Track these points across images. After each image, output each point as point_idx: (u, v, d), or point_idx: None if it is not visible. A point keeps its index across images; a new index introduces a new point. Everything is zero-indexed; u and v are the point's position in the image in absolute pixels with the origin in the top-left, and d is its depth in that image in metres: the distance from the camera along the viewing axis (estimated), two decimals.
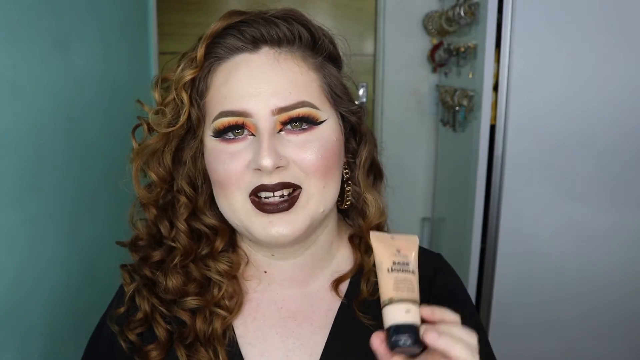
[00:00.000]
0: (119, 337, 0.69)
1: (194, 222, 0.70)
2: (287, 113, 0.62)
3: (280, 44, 0.64)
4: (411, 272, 0.54)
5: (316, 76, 0.66)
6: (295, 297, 0.71)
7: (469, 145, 1.89)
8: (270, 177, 0.61)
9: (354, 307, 0.69)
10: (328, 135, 0.64)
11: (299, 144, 0.63)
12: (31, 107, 0.93)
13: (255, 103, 0.61)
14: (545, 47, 1.67)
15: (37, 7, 0.96)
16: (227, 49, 0.64)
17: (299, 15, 0.67)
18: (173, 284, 0.68)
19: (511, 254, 1.79)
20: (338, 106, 0.68)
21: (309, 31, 0.66)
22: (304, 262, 0.70)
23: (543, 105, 1.70)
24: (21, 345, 0.89)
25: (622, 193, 1.74)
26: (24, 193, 0.91)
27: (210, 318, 0.67)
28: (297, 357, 0.67)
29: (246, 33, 0.63)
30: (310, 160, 0.62)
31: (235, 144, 0.63)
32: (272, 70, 0.63)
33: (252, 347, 0.68)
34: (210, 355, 0.65)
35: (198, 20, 2.18)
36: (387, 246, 0.55)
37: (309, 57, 0.66)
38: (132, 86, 1.58)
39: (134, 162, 0.68)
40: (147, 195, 0.69)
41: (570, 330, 1.83)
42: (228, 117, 0.62)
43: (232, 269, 0.70)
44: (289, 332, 0.69)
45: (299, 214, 0.63)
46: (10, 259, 0.87)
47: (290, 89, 0.62)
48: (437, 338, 0.49)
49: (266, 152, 0.60)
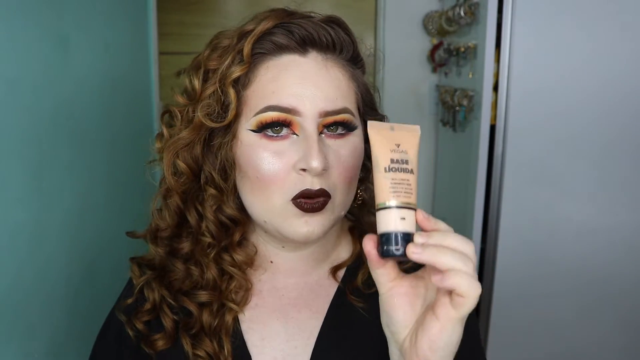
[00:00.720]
0: (126, 326, 0.71)
1: (218, 213, 0.70)
2: (332, 117, 0.63)
3: (327, 50, 0.66)
4: (410, 171, 0.51)
5: (353, 85, 0.68)
6: (297, 285, 0.73)
7: (469, 145, 1.89)
8: (313, 181, 0.62)
9: (347, 291, 0.72)
10: (358, 143, 0.67)
11: (336, 149, 0.64)
12: (31, 107, 0.93)
13: (304, 103, 0.62)
14: (545, 47, 1.67)
15: (38, 7, 0.96)
16: (276, 47, 0.64)
17: (343, 24, 0.68)
18: (212, 275, 0.70)
19: (511, 254, 1.79)
20: (365, 114, 0.70)
21: (353, 42, 0.68)
22: (310, 253, 0.73)
23: (543, 105, 1.70)
24: (21, 345, 0.89)
25: (622, 193, 1.74)
26: (25, 193, 0.91)
27: (218, 311, 0.69)
28: (296, 341, 0.70)
29: (296, 34, 0.64)
30: (344, 168, 0.64)
31: (278, 142, 0.63)
32: (321, 75, 0.64)
33: (254, 332, 0.71)
34: (215, 345, 0.68)
35: (198, 20, 2.18)
36: (385, 139, 0.52)
37: (349, 66, 0.68)
38: (132, 86, 1.58)
39: (166, 153, 0.67)
40: (176, 184, 0.68)
41: (570, 330, 1.83)
42: (276, 112, 0.62)
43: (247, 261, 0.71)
44: (289, 317, 0.72)
45: (327, 215, 0.64)
46: (11, 259, 0.87)
47: (336, 95, 0.64)
48: (421, 253, 0.47)
49: (317, 153, 0.60)
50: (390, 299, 0.53)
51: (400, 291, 0.52)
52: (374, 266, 0.52)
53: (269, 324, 0.71)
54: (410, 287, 0.53)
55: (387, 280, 0.52)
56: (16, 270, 0.88)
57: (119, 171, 1.34)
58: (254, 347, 0.70)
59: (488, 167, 1.80)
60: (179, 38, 2.16)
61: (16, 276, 0.88)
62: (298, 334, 0.71)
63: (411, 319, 0.52)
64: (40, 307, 0.96)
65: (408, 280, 0.53)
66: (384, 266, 0.52)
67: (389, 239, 0.48)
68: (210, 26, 2.18)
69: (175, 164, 0.68)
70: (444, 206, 2.30)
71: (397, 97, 2.33)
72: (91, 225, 1.18)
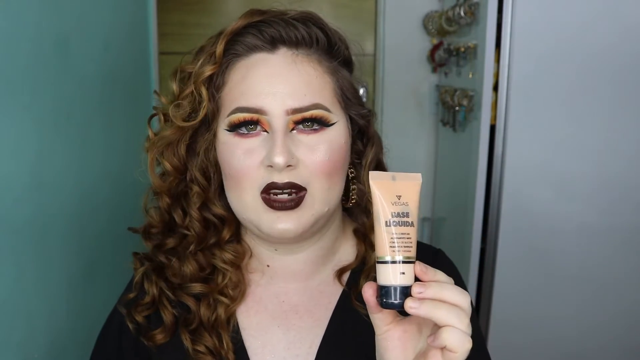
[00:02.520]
0: (126, 319, 0.72)
1: (204, 211, 0.71)
2: (301, 114, 0.63)
3: (297, 46, 0.66)
4: (410, 224, 0.52)
5: (330, 79, 0.67)
6: (297, 290, 0.73)
7: (469, 145, 1.89)
8: (281, 175, 0.63)
9: (352, 296, 0.71)
10: (337, 138, 0.66)
11: (309, 145, 0.64)
12: (31, 107, 0.93)
13: (270, 101, 0.63)
14: (545, 47, 1.67)
15: (38, 7, 0.96)
16: (246, 47, 0.66)
17: (317, 19, 0.69)
18: (190, 270, 0.71)
19: (511, 254, 1.79)
20: (348, 109, 0.70)
21: (326, 35, 0.68)
22: (307, 257, 0.72)
23: (543, 105, 1.70)
24: (21, 345, 0.89)
25: (622, 193, 1.74)
26: (24, 193, 0.91)
27: (214, 305, 0.70)
28: (298, 349, 0.70)
29: (265, 33, 0.65)
30: (317, 163, 0.64)
31: (249, 139, 0.65)
32: (289, 71, 0.65)
33: (255, 339, 0.70)
34: (214, 340, 0.68)
35: (198, 20, 2.17)
36: (386, 191, 0.53)
37: (324, 61, 0.68)
38: (132, 86, 1.58)
39: (150, 152, 0.70)
40: (161, 184, 0.70)
41: (570, 330, 1.83)
42: (244, 113, 0.64)
43: (237, 259, 0.72)
44: (290, 324, 0.71)
45: (305, 212, 0.64)
46: (11, 259, 0.87)
47: (305, 91, 0.64)
48: (418, 307, 0.49)
49: (279, 149, 0.62)
50: (385, 342, 0.55)
51: (394, 335, 0.54)
52: (372, 311, 0.54)
53: (270, 331, 0.71)
54: (404, 332, 0.55)
55: (384, 324, 0.55)
56: (16, 271, 0.88)
57: (119, 171, 1.34)
58: (254, 355, 0.70)
59: (488, 167, 1.80)
60: (179, 38, 2.16)
61: (16, 276, 0.88)
62: (300, 342, 0.70)
63: None
64: (40, 307, 0.96)
65: (403, 326, 0.55)
66: (382, 312, 0.54)
67: (388, 292, 0.51)
68: (210, 26, 2.17)
69: (161, 163, 0.70)
70: (444, 206, 2.30)
71: (397, 97, 2.33)
72: (91, 225, 1.18)
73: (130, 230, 0.77)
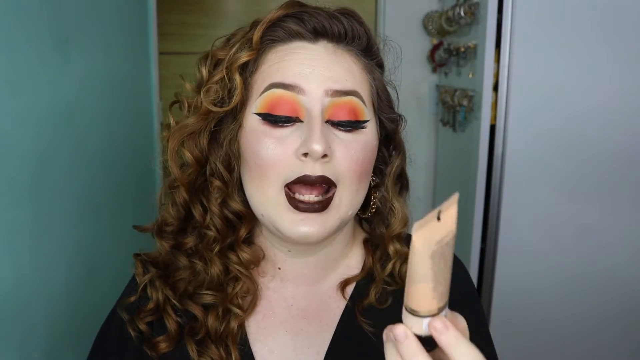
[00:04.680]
0: (128, 326, 0.69)
1: (223, 207, 0.67)
2: (340, 99, 0.60)
3: (339, 40, 0.64)
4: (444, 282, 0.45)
5: (367, 77, 0.66)
6: (306, 295, 0.71)
7: (469, 145, 1.89)
8: (314, 167, 0.59)
9: (356, 311, 0.69)
10: (370, 140, 0.64)
11: (345, 140, 0.61)
12: (31, 108, 0.93)
13: (309, 81, 0.60)
14: (545, 46, 1.67)
15: (37, 8, 0.96)
16: (287, 33, 0.63)
17: (357, 16, 0.67)
18: (216, 270, 0.67)
19: (511, 253, 1.79)
20: (380, 111, 0.68)
21: (367, 33, 0.67)
22: (318, 260, 0.70)
23: (543, 105, 1.70)
24: (21, 345, 0.89)
25: (622, 193, 1.74)
26: (25, 194, 0.91)
27: (224, 316, 0.66)
28: (305, 355, 0.68)
29: (308, 22, 0.63)
30: (352, 159, 0.61)
31: (281, 128, 0.60)
32: (330, 60, 0.62)
33: (262, 344, 0.68)
34: (222, 353, 0.65)
35: (198, 20, 2.17)
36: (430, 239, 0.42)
37: (363, 58, 0.66)
38: (132, 86, 1.58)
39: (171, 140, 0.65)
40: (181, 175, 0.65)
41: (570, 330, 1.83)
42: (279, 89, 0.60)
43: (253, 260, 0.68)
44: (298, 329, 0.69)
45: (331, 215, 0.61)
46: (11, 259, 0.87)
47: (347, 77, 0.62)
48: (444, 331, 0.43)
49: (318, 135, 0.58)
50: None
51: None
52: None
53: (277, 335, 0.69)
54: None
55: None
56: (16, 271, 0.88)
57: (119, 171, 1.34)
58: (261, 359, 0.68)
59: (488, 167, 1.80)
60: (179, 38, 2.16)
61: (16, 276, 0.88)
62: (307, 347, 0.68)
63: None
64: (40, 307, 0.96)
65: None
66: None
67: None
68: (210, 26, 2.18)
69: (181, 153, 0.66)
70: None
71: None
72: (91, 226, 1.18)
73: (137, 229, 0.73)
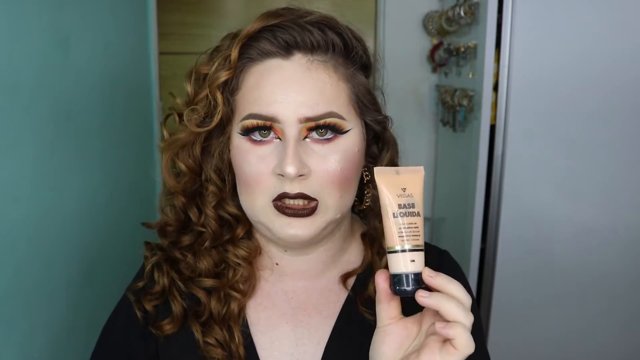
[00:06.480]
0: (134, 306, 0.73)
1: (219, 209, 0.73)
2: (314, 122, 0.63)
3: (312, 52, 0.65)
4: (417, 214, 0.55)
5: (346, 86, 0.67)
6: (306, 288, 0.73)
7: (469, 145, 1.89)
8: (292, 185, 0.63)
9: (358, 301, 0.72)
10: (351, 147, 0.66)
11: (322, 154, 0.64)
12: (31, 107, 0.93)
13: (283, 110, 0.63)
14: (545, 46, 1.67)
15: (38, 7, 0.96)
16: (260, 52, 0.65)
17: (334, 24, 0.67)
18: (205, 265, 0.72)
19: (511, 253, 1.79)
20: (364, 115, 0.69)
21: (343, 40, 0.67)
22: (316, 257, 0.73)
23: (543, 105, 1.70)
24: (21, 345, 0.89)
25: (622, 193, 1.74)
26: (25, 193, 0.91)
27: (225, 299, 0.71)
28: (305, 345, 0.71)
29: (280, 38, 0.64)
30: (329, 173, 0.64)
31: (262, 146, 0.65)
32: (303, 79, 0.64)
33: (263, 335, 0.71)
34: (225, 333, 0.69)
35: (198, 20, 2.17)
36: (392, 185, 0.56)
37: (341, 67, 0.67)
38: (132, 86, 1.58)
39: (165, 153, 0.70)
40: (175, 184, 0.71)
41: (570, 330, 1.83)
42: (256, 119, 0.64)
43: (249, 255, 0.73)
44: (298, 321, 0.72)
45: (317, 219, 0.65)
46: (11, 259, 0.87)
47: (319, 99, 0.63)
48: (428, 297, 0.52)
49: (290, 159, 0.61)
50: (384, 334, 0.56)
51: (395, 329, 0.56)
52: (382, 300, 0.56)
53: (278, 327, 0.71)
54: (405, 328, 0.56)
55: (387, 317, 0.56)
56: (16, 270, 0.88)
57: (119, 171, 1.34)
58: (262, 350, 0.70)
59: (488, 167, 1.80)
60: (179, 38, 2.16)
61: (16, 276, 0.88)
62: (307, 339, 0.71)
63: (395, 356, 0.56)
64: (40, 307, 0.96)
65: (404, 323, 0.57)
66: (389, 303, 0.56)
67: (400, 280, 0.54)
68: (210, 26, 2.17)
69: (177, 164, 0.71)
70: (444, 206, 2.30)
71: (397, 97, 2.32)
72: (91, 225, 1.18)
73: (144, 226, 0.78)
